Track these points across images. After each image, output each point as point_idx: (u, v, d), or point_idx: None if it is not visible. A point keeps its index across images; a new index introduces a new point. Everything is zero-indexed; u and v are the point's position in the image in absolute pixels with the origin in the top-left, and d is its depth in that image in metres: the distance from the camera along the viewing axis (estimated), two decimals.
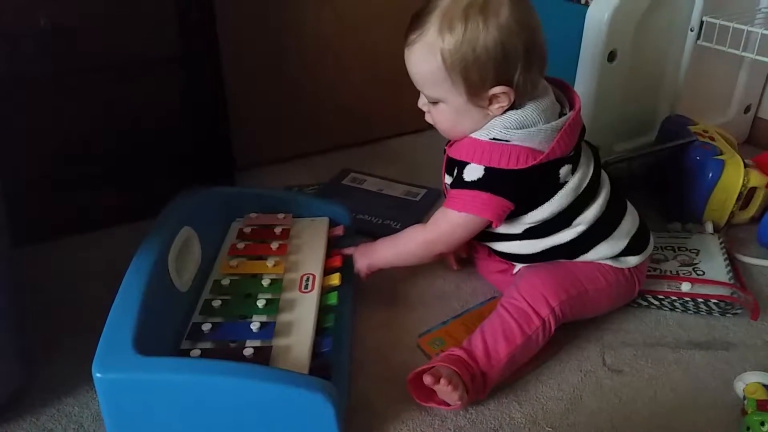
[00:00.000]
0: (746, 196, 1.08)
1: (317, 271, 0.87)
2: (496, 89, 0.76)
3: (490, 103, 0.77)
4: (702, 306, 0.91)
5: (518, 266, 0.90)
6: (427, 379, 0.73)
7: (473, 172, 0.79)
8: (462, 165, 0.80)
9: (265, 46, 1.24)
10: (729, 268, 0.96)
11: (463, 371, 0.74)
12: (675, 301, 0.92)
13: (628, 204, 0.90)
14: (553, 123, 0.78)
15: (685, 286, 0.92)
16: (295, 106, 1.32)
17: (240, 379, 0.66)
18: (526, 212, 0.81)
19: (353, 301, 0.91)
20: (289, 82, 1.29)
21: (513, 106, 0.78)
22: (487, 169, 0.78)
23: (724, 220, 1.09)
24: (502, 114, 0.78)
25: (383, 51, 1.31)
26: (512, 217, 0.82)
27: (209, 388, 0.65)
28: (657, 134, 1.21)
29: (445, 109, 0.80)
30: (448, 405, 0.75)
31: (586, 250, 0.85)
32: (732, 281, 0.93)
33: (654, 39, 1.16)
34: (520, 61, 0.75)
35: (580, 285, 0.83)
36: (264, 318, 0.79)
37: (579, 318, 0.86)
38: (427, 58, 0.76)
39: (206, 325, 0.77)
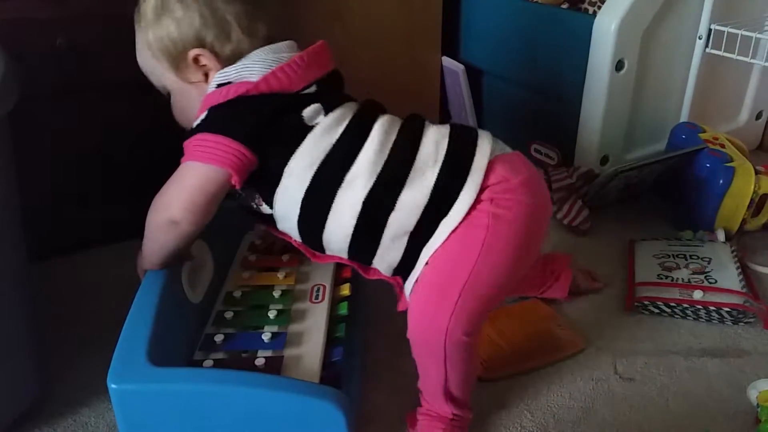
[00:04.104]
0: (758, 203, 1.07)
1: (327, 282, 0.88)
2: (193, 52, 0.73)
3: (203, 75, 0.74)
4: (714, 314, 0.91)
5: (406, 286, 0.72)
6: None
7: (198, 119, 0.71)
8: None
9: None
10: (741, 276, 0.95)
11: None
12: (687, 308, 0.91)
13: (429, 127, 0.72)
14: (275, 56, 0.73)
15: (697, 294, 0.92)
16: None
17: (252, 389, 0.66)
18: (277, 163, 0.69)
19: (364, 311, 0.91)
20: None
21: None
22: (209, 110, 0.71)
23: (735, 227, 1.08)
24: None
25: (393, 64, 1.32)
26: (267, 174, 0.69)
27: (222, 398, 0.66)
28: (667, 142, 1.22)
29: (172, 96, 0.79)
30: None
31: (391, 206, 0.66)
32: (744, 290, 0.93)
33: (662, 47, 1.16)
34: (213, 29, 0.73)
35: (459, 282, 0.66)
36: (275, 328, 0.80)
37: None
38: (139, 47, 0.77)
39: (219, 336, 0.78)
